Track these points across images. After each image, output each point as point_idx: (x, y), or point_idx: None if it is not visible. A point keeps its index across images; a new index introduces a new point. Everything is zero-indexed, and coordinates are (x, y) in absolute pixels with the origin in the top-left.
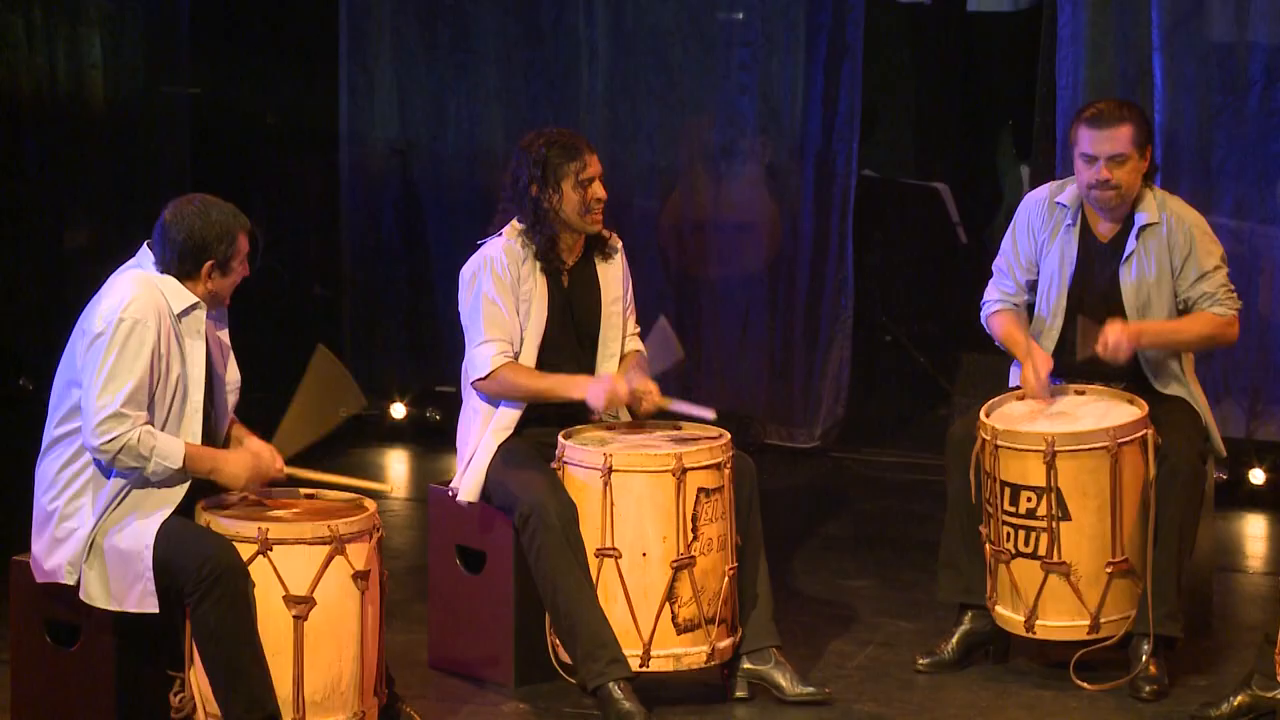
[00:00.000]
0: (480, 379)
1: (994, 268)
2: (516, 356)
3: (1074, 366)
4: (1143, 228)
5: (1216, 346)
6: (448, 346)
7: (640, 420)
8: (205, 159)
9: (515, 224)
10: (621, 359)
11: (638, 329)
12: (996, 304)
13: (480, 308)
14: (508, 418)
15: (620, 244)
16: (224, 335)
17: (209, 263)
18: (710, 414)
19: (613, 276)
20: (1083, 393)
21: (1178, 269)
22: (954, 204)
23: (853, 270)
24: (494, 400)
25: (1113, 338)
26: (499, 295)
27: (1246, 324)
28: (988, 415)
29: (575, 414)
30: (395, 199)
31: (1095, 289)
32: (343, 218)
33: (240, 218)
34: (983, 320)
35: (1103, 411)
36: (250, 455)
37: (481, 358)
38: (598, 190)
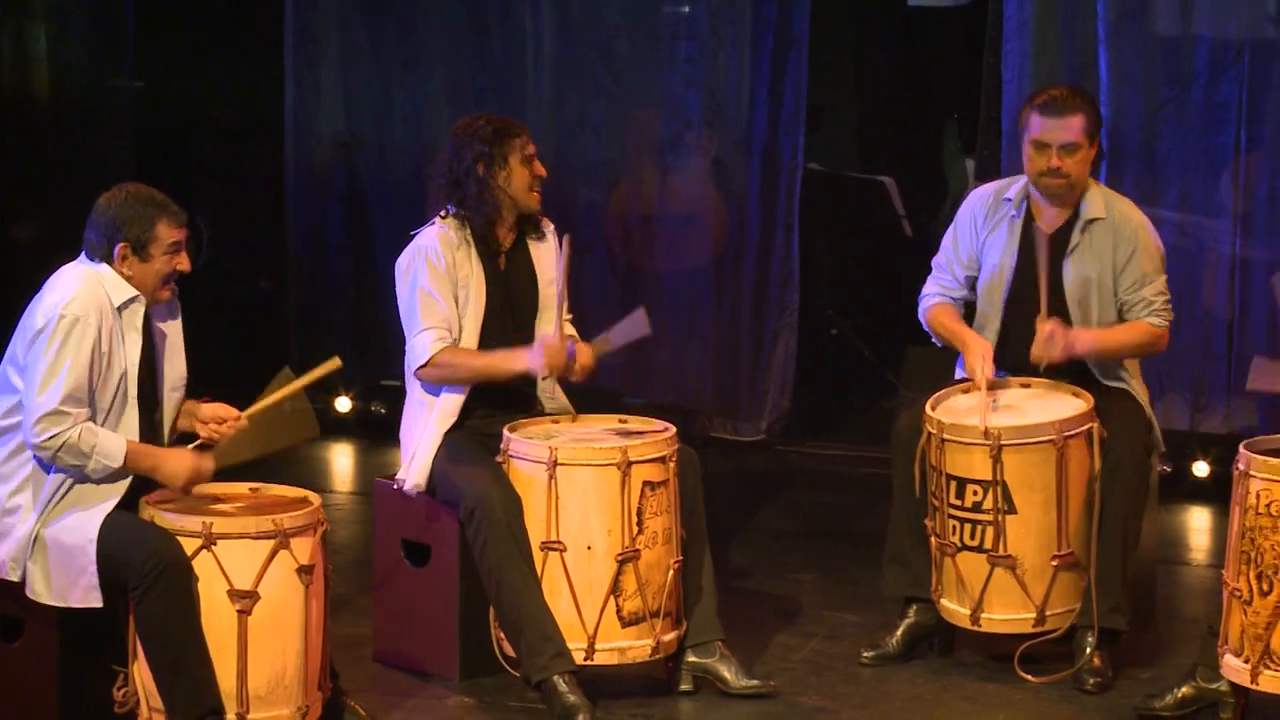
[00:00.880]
0: (421, 366)
1: (933, 264)
2: (456, 343)
3: (1018, 361)
4: (1089, 221)
5: (1145, 355)
6: (393, 340)
7: (585, 412)
8: (150, 152)
9: (449, 214)
10: None
11: (570, 315)
12: (934, 297)
13: (417, 298)
14: (451, 405)
15: (552, 227)
16: (172, 329)
17: (121, 244)
18: (642, 328)
19: (547, 259)
20: (1028, 385)
21: (1120, 267)
22: (899, 197)
23: (798, 263)
24: (437, 389)
25: (1048, 328)
26: (434, 284)
27: (1191, 317)
28: (933, 409)
29: (520, 405)
30: (341, 193)
31: (1038, 283)
32: (288, 211)
33: (166, 208)
34: (920, 314)
35: (1048, 405)
36: (191, 455)
37: (420, 345)
38: (539, 167)
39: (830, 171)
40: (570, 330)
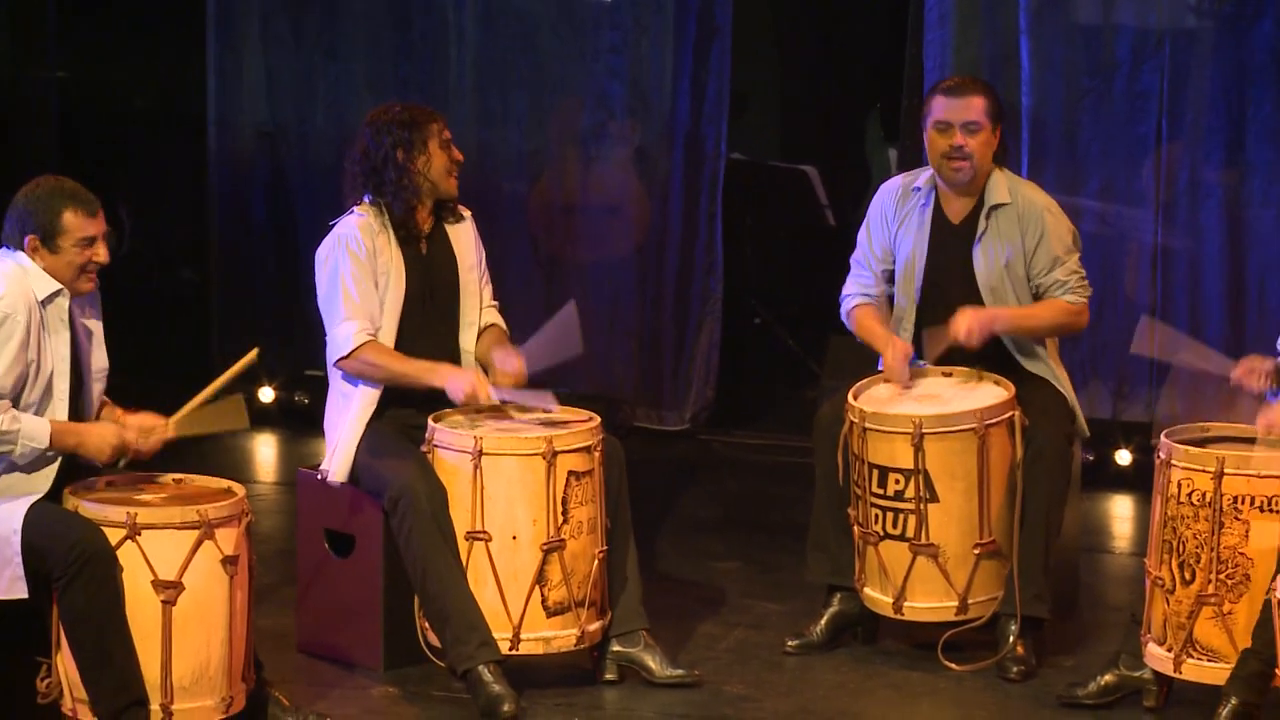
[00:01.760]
0: (342, 358)
1: (851, 261)
2: (377, 334)
3: (940, 359)
4: (994, 208)
5: (1067, 333)
6: (316, 330)
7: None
8: (72, 144)
9: (366, 202)
10: (481, 332)
11: (495, 303)
12: (855, 298)
13: (338, 287)
14: (373, 394)
15: (469, 212)
16: (93, 322)
17: (30, 236)
18: (574, 347)
19: (466, 243)
20: (950, 375)
21: (1030, 252)
22: (822, 187)
23: (722, 253)
24: (356, 378)
25: (964, 324)
26: (355, 273)
27: (1113, 305)
28: (856, 398)
29: (442, 396)
30: (264, 183)
31: (949, 271)
32: (211, 202)
33: (75, 198)
34: (842, 316)
35: (970, 393)
36: (114, 426)
37: (342, 336)
38: (457, 152)
39: (753, 161)
40: (495, 318)
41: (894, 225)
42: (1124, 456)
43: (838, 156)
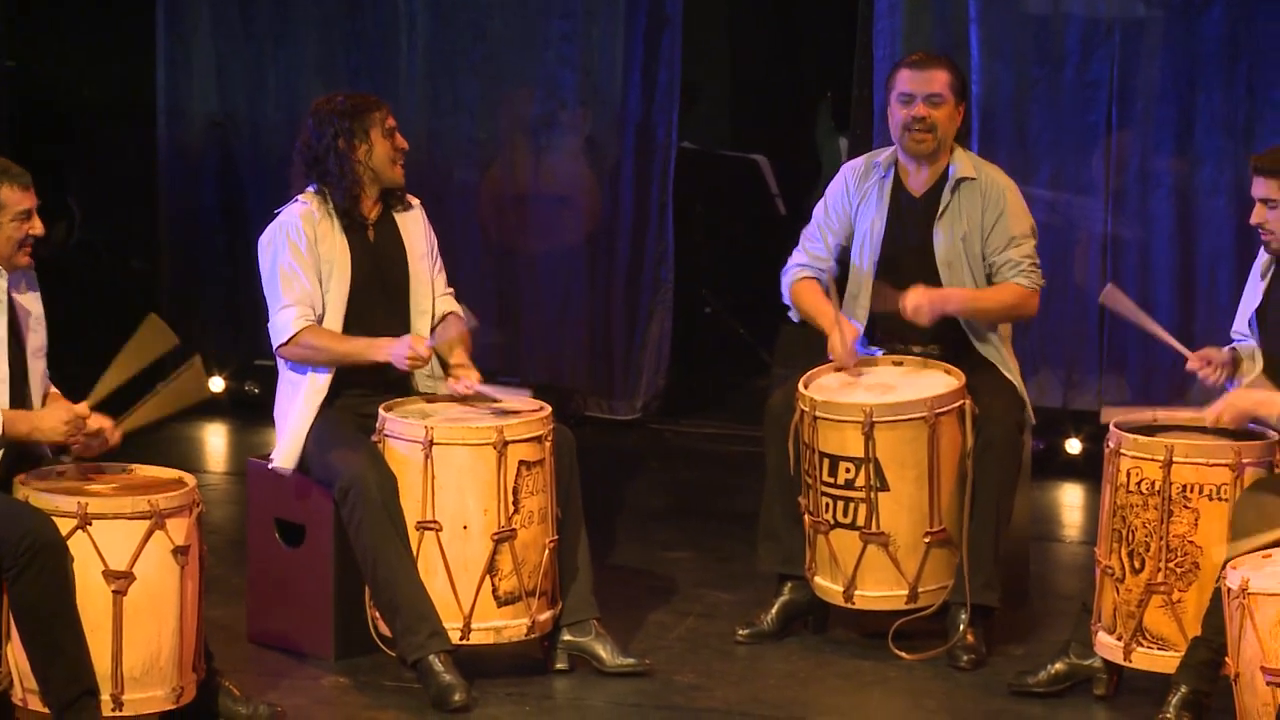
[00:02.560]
0: (282, 344)
1: (802, 234)
2: (320, 320)
3: (891, 332)
4: (959, 181)
5: (1015, 318)
6: (266, 320)
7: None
8: (22, 132)
9: (310, 191)
10: (439, 321)
11: (450, 290)
12: (800, 269)
13: (278, 274)
14: (321, 382)
15: (418, 201)
16: (30, 300)
17: None
18: (534, 405)
19: (415, 231)
20: (900, 363)
21: (988, 229)
22: (773, 176)
23: (673, 242)
24: (302, 367)
25: (913, 300)
26: (295, 261)
27: (1063, 295)
28: (806, 386)
29: (393, 383)
30: (214, 172)
31: (908, 245)
32: (161, 191)
33: (7, 173)
34: (783, 285)
35: (920, 382)
36: (64, 407)
37: (282, 322)
38: (401, 140)
39: (704, 150)
40: (453, 305)
41: (855, 200)
42: (1074, 445)
43: (788, 146)
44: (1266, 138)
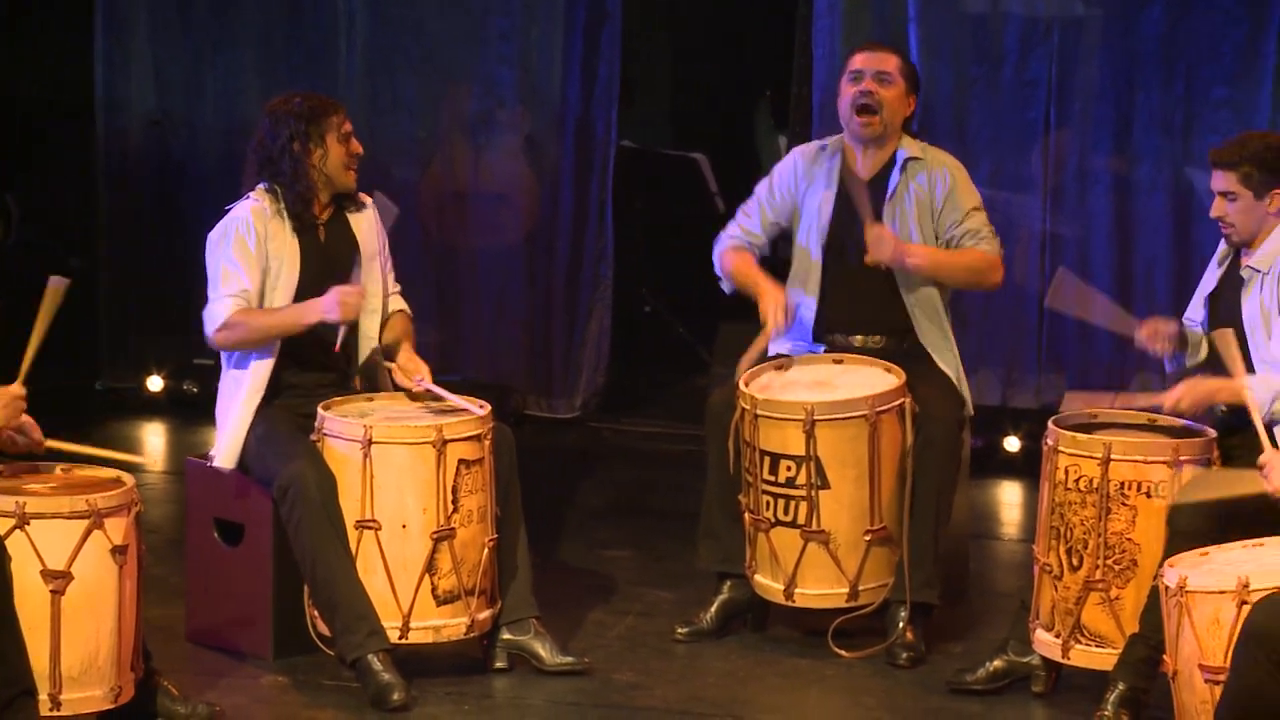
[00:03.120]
0: (217, 330)
1: (739, 209)
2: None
3: (839, 315)
4: (907, 160)
5: (978, 285)
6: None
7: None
8: None
9: (262, 188)
10: (387, 320)
11: (399, 287)
12: (732, 239)
13: (220, 268)
14: (260, 376)
15: (370, 200)
16: None
17: None
18: (482, 410)
19: (367, 231)
20: (840, 361)
21: (939, 207)
22: (712, 174)
23: (612, 240)
24: (246, 362)
25: (877, 231)
26: (239, 258)
27: (1002, 293)
28: (747, 385)
29: (334, 383)
30: (152, 171)
31: (856, 228)
32: (99, 189)
33: None
34: (715, 255)
35: (860, 380)
36: (2, 392)
37: (217, 310)
38: (356, 145)
39: (643, 148)
40: (401, 304)
41: (803, 184)
42: (1013, 443)
43: (728, 144)
44: (1204, 136)
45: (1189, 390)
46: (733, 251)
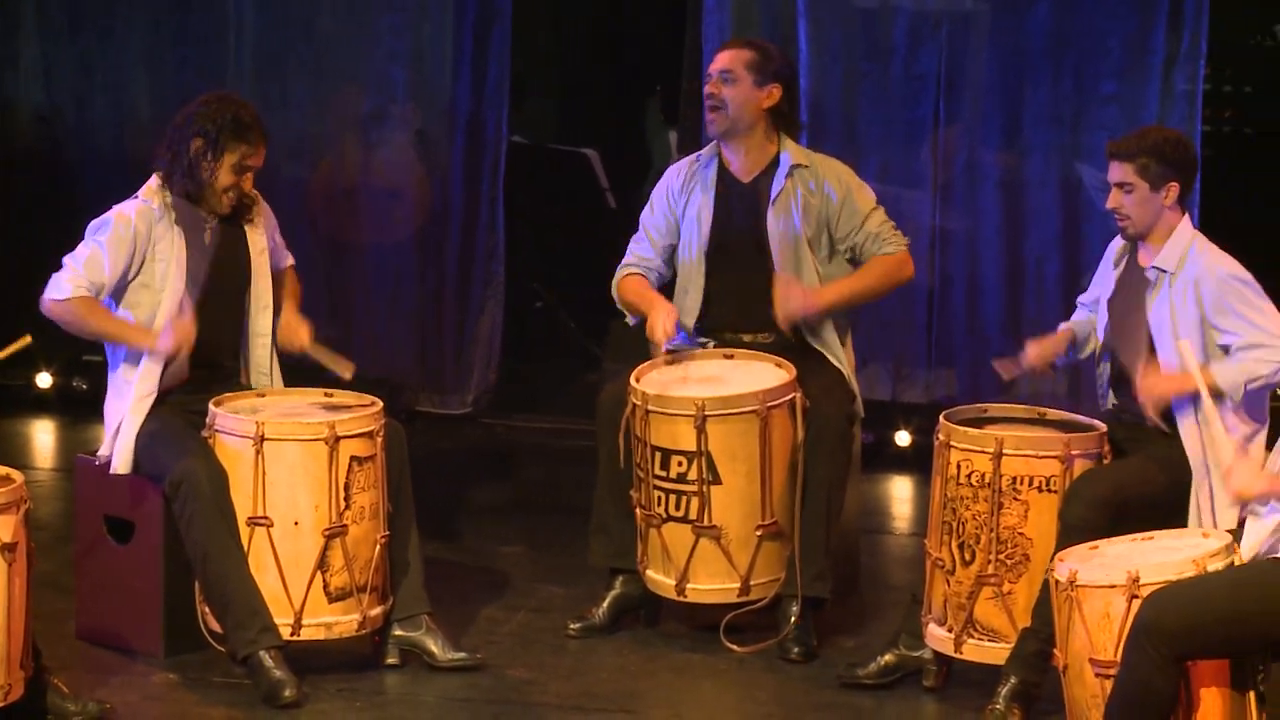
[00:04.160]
0: (56, 300)
1: (631, 240)
2: (98, 298)
3: (723, 319)
4: (793, 168)
5: (896, 287)
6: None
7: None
8: None
9: (153, 184)
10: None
11: (292, 259)
12: (626, 267)
13: (90, 247)
14: (150, 380)
15: (259, 195)
16: None
17: None
18: (348, 373)
19: (257, 229)
20: (731, 356)
21: (835, 215)
22: (603, 170)
23: (503, 236)
24: (137, 362)
25: (784, 288)
26: (110, 249)
27: None
28: (638, 380)
29: (222, 379)
30: (40, 167)
31: (736, 230)
32: None
33: None
34: (613, 287)
35: (751, 375)
36: None
37: (64, 280)
38: (248, 183)
39: (534, 144)
40: (289, 258)
41: (680, 198)
42: (903, 438)
43: (618, 140)
44: (1093, 131)
45: (1146, 397)
46: (626, 279)
